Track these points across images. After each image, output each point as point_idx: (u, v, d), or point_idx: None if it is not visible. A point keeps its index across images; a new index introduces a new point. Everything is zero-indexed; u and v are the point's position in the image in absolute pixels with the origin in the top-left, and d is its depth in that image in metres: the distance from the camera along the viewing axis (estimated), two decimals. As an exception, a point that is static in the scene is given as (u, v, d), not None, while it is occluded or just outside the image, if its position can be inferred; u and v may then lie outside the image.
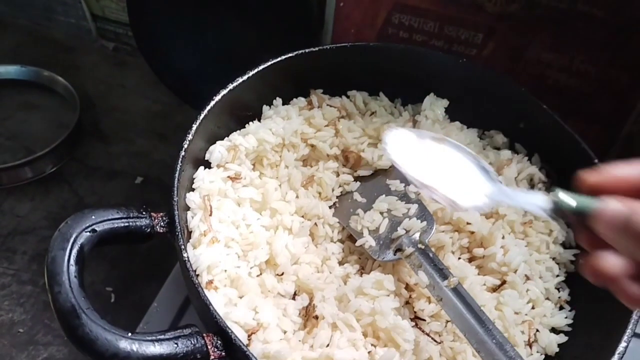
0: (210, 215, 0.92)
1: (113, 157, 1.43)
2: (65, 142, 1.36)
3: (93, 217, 0.76)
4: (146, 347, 0.68)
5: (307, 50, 1.05)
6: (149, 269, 1.20)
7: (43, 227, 1.29)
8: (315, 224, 0.98)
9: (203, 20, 1.36)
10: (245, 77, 1.00)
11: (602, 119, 1.22)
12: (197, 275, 0.82)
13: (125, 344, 0.67)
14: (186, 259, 0.79)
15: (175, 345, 0.70)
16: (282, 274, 0.91)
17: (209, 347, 0.72)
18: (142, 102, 1.54)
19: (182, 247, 0.79)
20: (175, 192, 0.83)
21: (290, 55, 1.04)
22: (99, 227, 0.76)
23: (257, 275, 0.91)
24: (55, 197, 1.34)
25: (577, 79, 1.18)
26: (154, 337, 0.69)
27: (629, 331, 0.79)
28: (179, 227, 0.80)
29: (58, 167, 1.36)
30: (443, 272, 0.87)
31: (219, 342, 0.73)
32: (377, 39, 1.26)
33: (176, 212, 0.81)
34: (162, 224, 0.82)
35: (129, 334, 0.68)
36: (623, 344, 0.77)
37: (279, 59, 1.03)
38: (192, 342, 0.71)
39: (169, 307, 1.10)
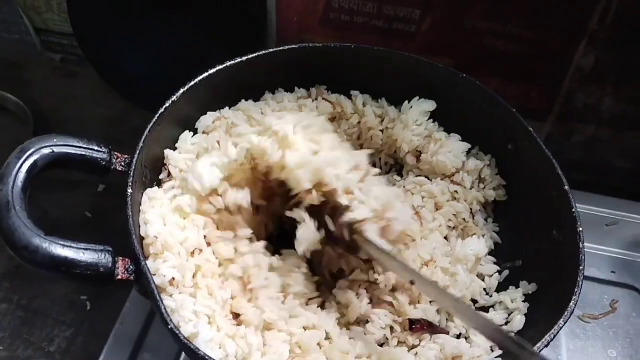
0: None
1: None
2: None
3: (55, 140, 0.84)
4: (54, 248, 0.75)
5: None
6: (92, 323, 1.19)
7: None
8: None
9: (148, 23, 1.37)
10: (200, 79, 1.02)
11: (543, 80, 1.27)
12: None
13: (37, 241, 0.75)
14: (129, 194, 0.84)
15: (82, 254, 0.77)
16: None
17: (120, 268, 0.80)
18: (96, 110, 1.53)
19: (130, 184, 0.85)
20: (144, 139, 0.90)
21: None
22: (57, 149, 0.84)
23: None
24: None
25: (515, 44, 1.22)
26: (64, 243, 0.77)
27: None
28: (135, 169, 0.87)
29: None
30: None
31: (132, 267, 0.81)
32: (319, 24, 1.29)
33: (136, 157, 0.88)
34: (122, 163, 0.89)
35: (44, 235, 0.76)
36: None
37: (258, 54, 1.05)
38: (99, 256, 0.78)
39: (142, 306, 1.12)
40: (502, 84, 1.27)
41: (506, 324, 0.93)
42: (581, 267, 0.85)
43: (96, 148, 0.87)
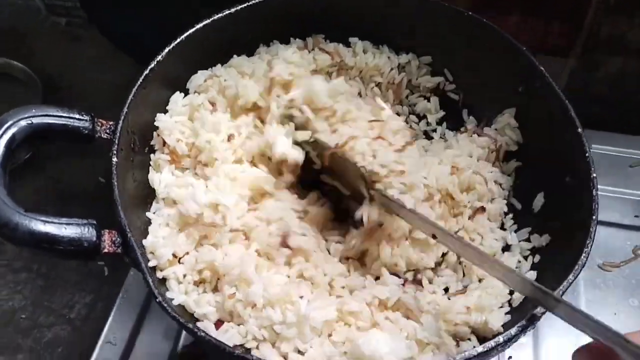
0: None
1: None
2: None
3: (33, 110, 0.82)
4: (34, 224, 0.74)
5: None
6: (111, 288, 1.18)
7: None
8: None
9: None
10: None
11: (564, 12, 1.20)
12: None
13: (17, 218, 0.73)
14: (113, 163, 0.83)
15: (64, 229, 0.75)
16: None
17: (106, 241, 0.78)
18: (104, 74, 1.50)
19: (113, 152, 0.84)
20: (128, 104, 0.88)
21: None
22: (36, 120, 0.82)
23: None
24: (33, 183, 1.33)
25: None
26: (45, 219, 0.75)
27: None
28: (120, 136, 0.85)
29: (31, 154, 1.35)
30: None
31: (119, 239, 0.79)
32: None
33: (120, 123, 0.86)
34: (107, 131, 0.86)
35: (24, 211, 0.75)
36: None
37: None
38: (82, 230, 0.76)
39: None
40: (521, 20, 1.20)
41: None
42: (594, 217, 0.81)
43: (77, 116, 0.84)
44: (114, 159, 0.82)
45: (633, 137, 1.24)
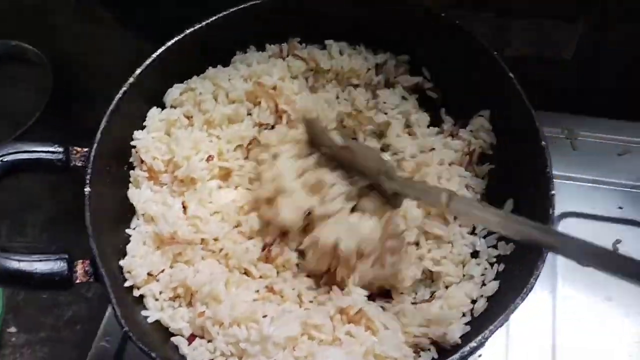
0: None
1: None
2: (48, 111, 1.38)
3: (7, 149, 0.86)
4: (9, 263, 0.79)
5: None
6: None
7: (47, 197, 1.33)
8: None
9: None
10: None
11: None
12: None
13: None
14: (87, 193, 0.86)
15: (36, 266, 0.80)
16: None
17: (79, 271, 0.82)
18: (118, 55, 1.47)
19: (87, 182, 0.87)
20: (101, 129, 0.91)
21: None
22: (8, 157, 0.86)
23: None
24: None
25: None
26: (18, 257, 0.80)
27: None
28: (94, 164, 0.88)
29: (49, 136, 1.40)
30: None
31: (91, 269, 0.83)
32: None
33: (93, 152, 0.88)
34: (82, 158, 0.90)
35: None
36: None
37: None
38: (53, 265, 0.81)
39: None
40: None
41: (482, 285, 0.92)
42: (537, 271, 0.81)
43: (50, 149, 0.87)
44: (87, 189, 0.86)
45: (625, 123, 1.20)
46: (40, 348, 1.18)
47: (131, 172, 0.98)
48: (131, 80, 0.95)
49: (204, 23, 1.00)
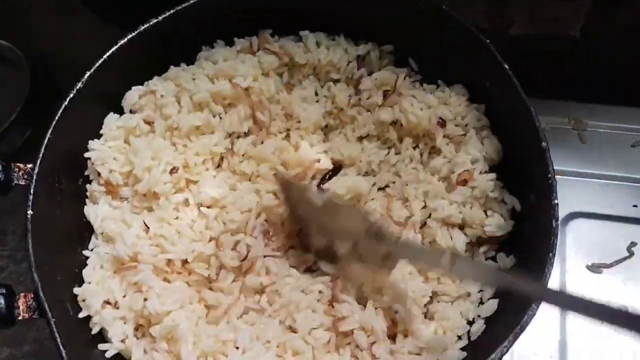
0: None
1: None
2: (25, 110, 1.31)
3: None
4: None
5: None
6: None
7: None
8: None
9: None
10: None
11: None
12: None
13: None
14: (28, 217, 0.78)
15: None
16: None
17: (21, 306, 0.76)
18: (99, 49, 1.46)
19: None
20: (45, 143, 0.82)
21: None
22: None
23: None
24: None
25: None
26: None
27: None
28: (37, 182, 0.80)
29: (27, 136, 1.33)
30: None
31: (34, 303, 0.76)
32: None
33: (37, 168, 0.80)
34: (25, 176, 0.81)
35: None
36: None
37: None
38: None
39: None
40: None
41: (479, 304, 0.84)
42: (550, 254, 0.73)
43: (-12, 170, 0.79)
44: (29, 212, 0.78)
45: (638, 111, 1.09)
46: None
47: (87, 186, 0.90)
48: (83, 80, 0.87)
49: (168, 12, 0.90)
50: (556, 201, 0.75)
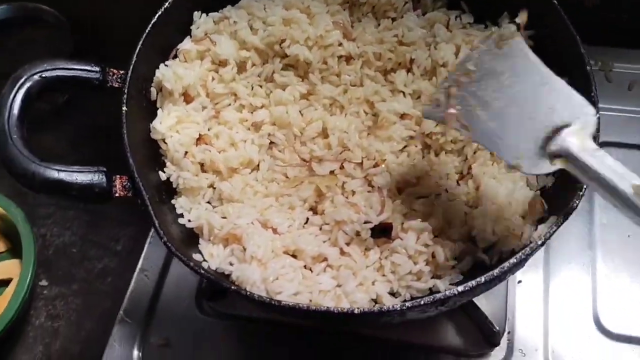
0: None
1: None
2: None
3: (45, 65, 0.87)
4: (49, 173, 0.81)
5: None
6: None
7: (69, 154, 1.35)
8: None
9: None
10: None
11: None
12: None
13: (33, 167, 0.80)
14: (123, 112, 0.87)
15: (75, 177, 0.82)
16: None
17: (117, 186, 0.84)
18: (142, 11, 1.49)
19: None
20: (137, 52, 0.91)
21: None
22: (47, 74, 0.86)
23: None
24: (73, 124, 1.39)
25: None
26: (58, 167, 0.82)
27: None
28: (130, 85, 0.89)
29: (69, 95, 1.39)
30: None
31: (129, 184, 0.84)
32: None
33: (129, 72, 0.89)
34: (118, 80, 0.90)
35: (40, 161, 0.81)
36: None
37: None
38: (92, 177, 0.83)
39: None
40: None
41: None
42: (581, 192, 0.78)
43: (87, 68, 0.88)
44: (124, 108, 0.86)
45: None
46: (73, 300, 1.19)
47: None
48: (160, 11, 0.95)
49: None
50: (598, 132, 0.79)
